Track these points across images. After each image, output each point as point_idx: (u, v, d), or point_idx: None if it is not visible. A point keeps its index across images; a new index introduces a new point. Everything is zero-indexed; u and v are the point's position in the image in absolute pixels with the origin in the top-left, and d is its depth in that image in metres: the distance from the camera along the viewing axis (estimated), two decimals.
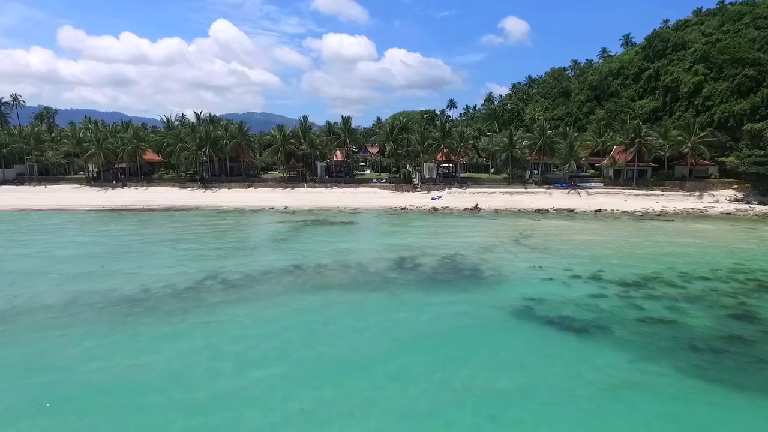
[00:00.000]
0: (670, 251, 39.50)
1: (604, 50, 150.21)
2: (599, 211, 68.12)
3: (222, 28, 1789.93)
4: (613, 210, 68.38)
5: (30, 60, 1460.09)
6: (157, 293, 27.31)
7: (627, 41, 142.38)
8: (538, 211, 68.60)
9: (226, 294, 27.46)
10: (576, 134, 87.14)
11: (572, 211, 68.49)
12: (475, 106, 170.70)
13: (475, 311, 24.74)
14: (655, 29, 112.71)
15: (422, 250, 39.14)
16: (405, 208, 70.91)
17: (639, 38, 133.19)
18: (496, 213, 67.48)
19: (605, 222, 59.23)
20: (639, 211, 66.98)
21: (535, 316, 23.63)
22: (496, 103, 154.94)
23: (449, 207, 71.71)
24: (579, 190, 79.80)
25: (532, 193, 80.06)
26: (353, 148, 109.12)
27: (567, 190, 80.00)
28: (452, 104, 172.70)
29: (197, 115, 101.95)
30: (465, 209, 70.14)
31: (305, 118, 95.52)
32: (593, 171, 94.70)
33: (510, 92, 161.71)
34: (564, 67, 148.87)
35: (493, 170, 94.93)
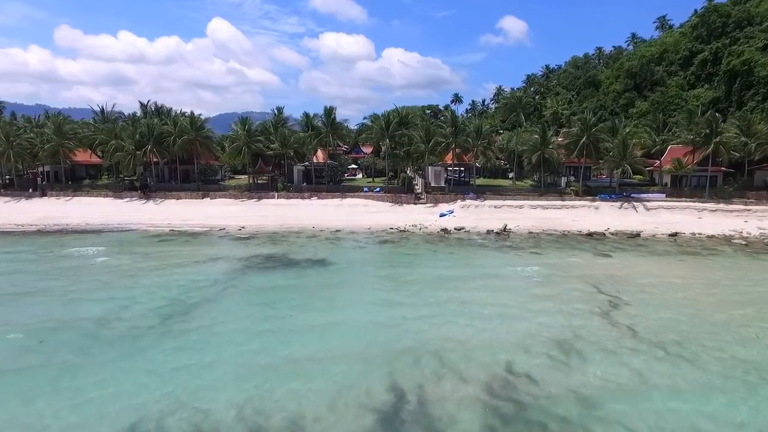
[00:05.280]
0: None
1: (633, 35, 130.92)
2: (675, 235, 48.67)
3: (220, 28, 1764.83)
4: (693, 234, 48.94)
5: (28, 59, 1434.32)
6: None
7: (663, 23, 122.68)
8: (590, 235, 49.08)
9: None
10: (627, 130, 67.41)
11: (637, 235, 48.99)
12: (483, 101, 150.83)
13: None
14: (710, 2, 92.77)
15: (439, 358, 19.26)
16: (405, 230, 51.42)
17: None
18: (532, 238, 47.98)
19: (703, 259, 39.55)
20: (733, 236, 47.52)
21: None
22: (507, 94, 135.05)
23: (465, 227, 52.13)
24: (633, 203, 60.28)
25: (572, 207, 60.57)
26: (344, 147, 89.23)
27: (619, 203, 60.46)
28: (458, 99, 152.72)
29: (143, 106, 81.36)
30: (488, 232, 50.53)
31: (279, 110, 75.83)
32: (640, 177, 75.10)
33: (524, 84, 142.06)
34: (590, 54, 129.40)
35: (513, 175, 75.33)
